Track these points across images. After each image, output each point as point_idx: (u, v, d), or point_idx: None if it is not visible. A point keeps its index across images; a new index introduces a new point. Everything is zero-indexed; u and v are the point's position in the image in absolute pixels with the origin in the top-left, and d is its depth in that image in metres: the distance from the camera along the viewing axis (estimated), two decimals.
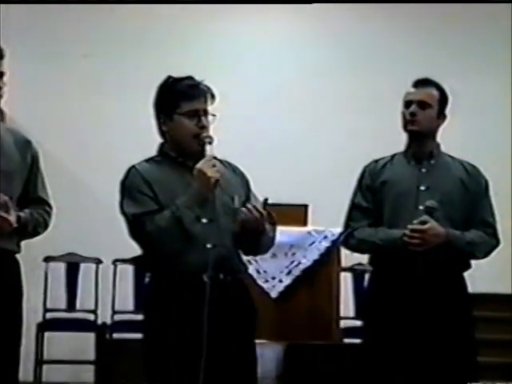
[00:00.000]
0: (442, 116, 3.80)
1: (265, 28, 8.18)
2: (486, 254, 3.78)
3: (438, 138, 3.82)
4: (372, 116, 7.68)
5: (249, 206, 3.19)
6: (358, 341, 4.19)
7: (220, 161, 3.31)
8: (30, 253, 3.69)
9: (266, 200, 3.24)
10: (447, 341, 3.63)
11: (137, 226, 3.20)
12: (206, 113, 3.24)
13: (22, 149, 3.53)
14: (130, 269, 7.29)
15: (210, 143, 3.20)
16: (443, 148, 3.85)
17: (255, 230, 3.19)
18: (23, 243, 3.55)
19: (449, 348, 3.63)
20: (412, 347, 3.62)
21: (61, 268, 7.27)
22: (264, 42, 8.16)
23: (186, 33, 8.01)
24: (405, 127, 3.79)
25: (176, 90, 3.26)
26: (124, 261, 7.27)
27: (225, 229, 3.22)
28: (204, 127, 3.22)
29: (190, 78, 3.29)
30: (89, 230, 7.55)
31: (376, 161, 3.89)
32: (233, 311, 3.20)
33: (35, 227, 3.53)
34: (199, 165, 3.16)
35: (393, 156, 3.87)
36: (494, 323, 5.93)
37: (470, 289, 3.79)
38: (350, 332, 6.30)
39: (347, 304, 6.75)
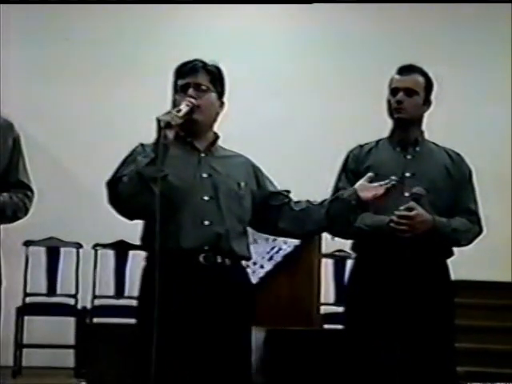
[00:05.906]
0: (427, 103, 3.79)
1: (251, 14, 8.14)
2: (470, 242, 3.79)
3: (424, 126, 3.83)
4: (361, 102, 7.64)
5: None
6: (338, 326, 4.18)
7: (226, 149, 3.32)
8: (9, 237, 3.66)
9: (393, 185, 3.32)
10: (429, 327, 3.64)
11: (109, 189, 3.10)
12: (196, 86, 3.23)
13: (3, 132, 3.49)
14: (110, 253, 7.29)
15: (188, 106, 3.14)
16: (427, 135, 3.85)
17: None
18: (2, 227, 3.51)
19: (429, 334, 3.64)
20: (394, 333, 3.63)
21: (41, 252, 7.25)
22: (251, 28, 8.12)
23: (176, 22, 7.97)
24: (391, 115, 3.78)
25: (175, 71, 3.31)
26: (104, 246, 7.27)
27: (228, 211, 3.17)
28: (190, 96, 3.19)
29: (192, 59, 3.30)
30: (69, 215, 7.52)
31: (361, 146, 3.87)
32: (227, 298, 3.13)
33: (15, 211, 3.48)
34: None
35: (378, 141, 3.86)
36: (473, 309, 5.96)
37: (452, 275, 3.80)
38: (331, 318, 6.37)
39: (328, 290, 6.78)
